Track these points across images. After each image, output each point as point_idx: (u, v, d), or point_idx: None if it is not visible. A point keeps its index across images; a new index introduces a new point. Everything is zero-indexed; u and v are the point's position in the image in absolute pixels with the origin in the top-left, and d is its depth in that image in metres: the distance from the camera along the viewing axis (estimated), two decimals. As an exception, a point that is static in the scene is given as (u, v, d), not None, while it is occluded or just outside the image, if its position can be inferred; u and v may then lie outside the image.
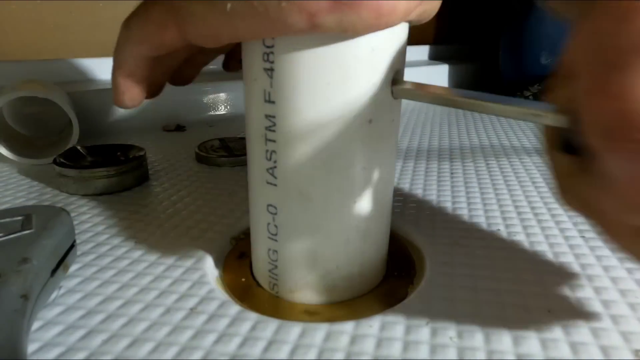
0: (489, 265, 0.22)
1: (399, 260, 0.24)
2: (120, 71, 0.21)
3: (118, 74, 0.21)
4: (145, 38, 0.19)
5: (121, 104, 0.22)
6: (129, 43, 0.20)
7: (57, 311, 0.19)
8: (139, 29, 0.19)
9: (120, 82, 0.21)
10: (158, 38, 0.19)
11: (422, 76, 0.72)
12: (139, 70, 0.21)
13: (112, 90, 0.22)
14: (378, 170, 0.18)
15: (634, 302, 0.19)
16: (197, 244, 0.24)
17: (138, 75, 0.21)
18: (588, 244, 0.24)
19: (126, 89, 0.21)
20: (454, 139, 0.47)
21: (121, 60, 0.21)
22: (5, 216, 0.21)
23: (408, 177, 0.35)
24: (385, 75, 0.17)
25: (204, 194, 0.31)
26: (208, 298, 0.20)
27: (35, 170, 0.36)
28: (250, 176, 0.20)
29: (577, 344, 0.17)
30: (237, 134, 0.45)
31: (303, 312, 0.19)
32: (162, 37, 0.19)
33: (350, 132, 0.17)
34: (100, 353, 0.17)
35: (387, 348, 0.17)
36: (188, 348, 0.17)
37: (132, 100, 0.22)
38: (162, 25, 0.18)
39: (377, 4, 0.14)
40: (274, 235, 0.19)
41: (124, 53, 0.20)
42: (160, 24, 0.18)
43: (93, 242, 0.25)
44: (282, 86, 0.16)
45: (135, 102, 0.22)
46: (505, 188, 0.32)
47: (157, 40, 0.19)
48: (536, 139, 0.46)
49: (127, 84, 0.21)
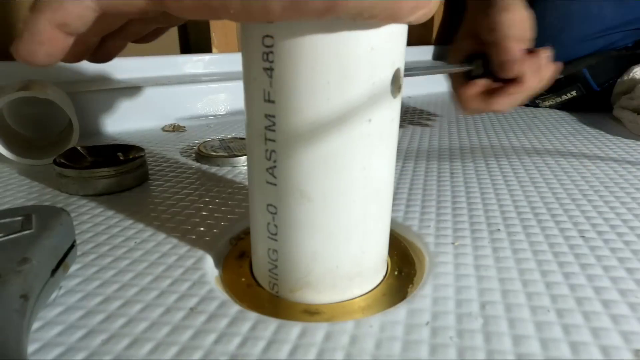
0: (489, 265, 0.22)
1: (399, 260, 0.24)
2: (49, 16, 0.16)
3: (44, 18, 0.16)
4: None
5: (33, 58, 0.17)
6: None
7: (57, 311, 0.19)
8: None
9: (43, 28, 0.17)
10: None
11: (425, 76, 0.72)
12: (78, 23, 0.17)
13: (22, 36, 0.17)
14: (378, 170, 0.18)
15: (634, 302, 0.19)
16: (197, 244, 0.24)
17: (72, 29, 0.17)
18: (588, 244, 0.24)
19: (49, 39, 0.17)
20: (454, 139, 0.47)
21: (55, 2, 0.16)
22: (5, 216, 0.21)
23: (408, 177, 0.35)
24: (384, 74, 0.17)
25: (204, 194, 0.31)
26: (208, 298, 0.20)
27: (35, 171, 0.36)
28: (250, 176, 0.20)
29: (577, 344, 0.17)
30: (237, 134, 0.45)
31: (303, 312, 0.19)
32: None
33: (350, 132, 0.17)
34: (100, 353, 0.17)
35: (387, 348, 0.17)
36: (188, 348, 0.17)
37: (51, 55, 0.17)
38: None
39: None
40: (274, 235, 0.19)
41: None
42: None
43: (93, 242, 0.25)
44: (282, 86, 0.16)
45: (53, 58, 0.17)
46: (505, 188, 0.32)
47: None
48: (536, 139, 0.46)
49: (53, 34, 0.17)
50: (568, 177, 0.35)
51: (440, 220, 0.27)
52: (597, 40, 0.60)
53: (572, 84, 0.61)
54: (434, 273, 0.22)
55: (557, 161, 0.39)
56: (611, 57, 0.60)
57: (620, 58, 0.60)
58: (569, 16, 0.60)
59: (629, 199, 0.30)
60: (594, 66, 0.60)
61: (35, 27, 0.17)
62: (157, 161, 0.39)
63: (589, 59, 0.60)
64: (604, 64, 0.60)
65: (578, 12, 0.60)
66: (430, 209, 0.29)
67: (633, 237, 0.25)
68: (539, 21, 0.64)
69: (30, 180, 0.34)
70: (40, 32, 0.17)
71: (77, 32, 0.17)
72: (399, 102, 0.18)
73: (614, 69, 0.60)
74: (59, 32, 0.17)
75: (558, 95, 0.62)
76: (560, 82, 0.61)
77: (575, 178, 0.34)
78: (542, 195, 0.31)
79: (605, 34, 0.60)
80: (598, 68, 0.60)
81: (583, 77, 0.60)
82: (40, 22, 0.16)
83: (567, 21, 0.60)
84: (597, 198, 0.31)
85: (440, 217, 0.28)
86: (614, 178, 0.34)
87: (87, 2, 0.16)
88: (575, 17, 0.60)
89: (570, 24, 0.60)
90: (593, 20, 0.60)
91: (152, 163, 0.38)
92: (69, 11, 0.16)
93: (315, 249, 0.19)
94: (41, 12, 0.16)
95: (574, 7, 0.60)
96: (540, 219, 0.27)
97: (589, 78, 0.60)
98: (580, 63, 0.60)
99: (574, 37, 0.60)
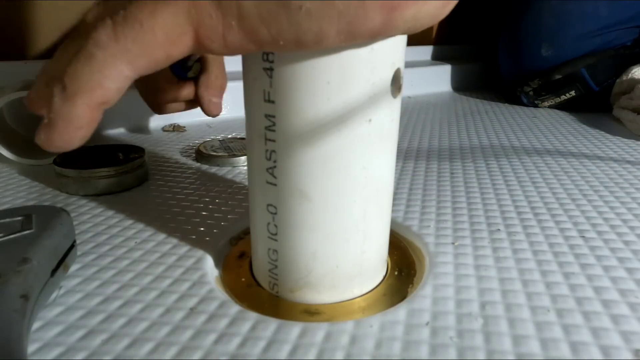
0: (489, 265, 0.22)
1: (399, 260, 0.24)
2: (88, 99, 0.15)
3: (81, 102, 0.15)
4: (146, 51, 0.14)
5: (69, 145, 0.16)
6: (114, 58, 0.14)
7: (57, 311, 0.19)
8: (136, 40, 0.14)
9: (82, 113, 0.15)
10: (166, 50, 0.14)
11: (425, 76, 0.73)
12: (117, 97, 0.15)
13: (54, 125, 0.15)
14: (378, 170, 0.18)
15: (634, 302, 0.19)
16: (197, 244, 0.24)
17: (111, 104, 0.15)
18: (588, 244, 0.24)
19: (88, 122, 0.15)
20: (454, 139, 0.47)
21: (91, 80, 0.14)
22: (5, 216, 0.21)
23: (408, 177, 0.35)
24: (384, 74, 0.17)
25: (204, 194, 0.31)
26: (208, 298, 0.20)
27: (35, 171, 0.36)
28: (250, 176, 0.20)
29: (577, 344, 0.17)
30: (237, 134, 0.45)
31: (303, 312, 0.19)
32: (172, 49, 0.14)
33: (350, 132, 0.17)
34: (100, 353, 0.17)
35: (387, 348, 0.17)
36: (188, 348, 0.17)
37: (86, 137, 0.16)
38: (178, 33, 0.14)
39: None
40: (274, 235, 0.19)
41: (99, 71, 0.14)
42: (176, 31, 0.14)
43: (93, 242, 0.25)
44: (282, 86, 0.16)
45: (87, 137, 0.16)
46: (505, 188, 0.32)
47: (162, 54, 0.14)
48: (536, 139, 0.46)
49: (93, 115, 0.15)
50: (568, 177, 0.35)
51: (440, 220, 0.27)
52: (594, 40, 0.60)
53: (570, 84, 0.61)
54: (434, 273, 0.22)
55: (557, 161, 0.39)
56: (609, 56, 0.60)
57: (618, 57, 0.60)
58: (564, 16, 0.60)
59: (629, 199, 0.30)
60: (592, 66, 0.60)
61: (71, 113, 0.15)
62: (157, 161, 0.39)
63: (587, 58, 0.60)
64: (602, 63, 0.60)
65: (573, 11, 0.60)
66: (430, 209, 0.29)
67: (633, 237, 0.25)
68: (535, 22, 0.64)
69: (30, 180, 0.34)
70: (79, 118, 0.15)
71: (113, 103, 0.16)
72: (399, 102, 0.18)
73: (613, 68, 0.60)
74: (98, 112, 0.15)
75: (557, 95, 0.62)
76: (559, 82, 0.61)
77: (575, 178, 0.34)
78: (542, 195, 0.31)
79: (601, 33, 0.60)
80: (596, 67, 0.60)
81: (582, 77, 0.60)
82: (77, 107, 0.15)
83: (563, 21, 0.60)
84: (597, 198, 0.31)
85: (440, 217, 0.28)
86: (614, 178, 0.34)
87: (124, 72, 0.15)
88: (570, 16, 0.60)
89: (566, 23, 0.60)
90: (589, 19, 0.60)
91: (152, 163, 0.38)
92: (108, 88, 0.15)
93: (315, 249, 0.19)
94: (77, 96, 0.15)
95: (569, 6, 0.60)
96: (540, 219, 0.27)
97: (587, 78, 0.60)
98: (578, 63, 0.60)
99: (571, 36, 0.60)
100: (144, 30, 0.14)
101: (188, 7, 0.14)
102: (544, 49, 0.61)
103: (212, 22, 0.14)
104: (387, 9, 0.13)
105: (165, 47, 0.14)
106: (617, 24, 0.60)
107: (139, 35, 0.14)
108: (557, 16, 0.61)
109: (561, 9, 0.60)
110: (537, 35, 0.62)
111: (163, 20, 0.14)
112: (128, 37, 0.14)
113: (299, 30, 0.13)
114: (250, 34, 0.14)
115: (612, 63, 0.60)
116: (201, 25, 0.14)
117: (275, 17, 0.13)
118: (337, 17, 0.13)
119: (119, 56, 0.14)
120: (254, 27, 0.14)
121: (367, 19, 0.14)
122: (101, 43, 0.14)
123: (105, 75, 0.14)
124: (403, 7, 0.14)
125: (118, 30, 0.14)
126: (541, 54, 0.62)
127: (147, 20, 0.14)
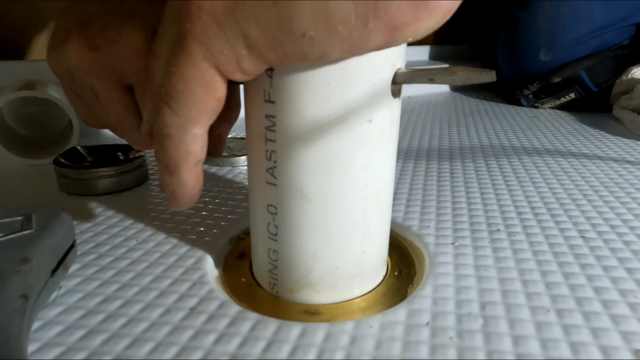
0: (489, 265, 0.22)
1: (399, 260, 0.24)
2: (185, 164, 0.17)
3: (184, 169, 0.17)
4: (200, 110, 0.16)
5: (194, 199, 0.18)
6: (184, 130, 0.16)
7: (57, 311, 0.19)
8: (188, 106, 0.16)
9: (188, 177, 0.17)
10: (212, 96, 0.16)
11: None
12: (204, 151, 0.17)
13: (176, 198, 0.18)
14: (378, 170, 0.18)
15: (634, 302, 0.19)
16: (197, 244, 0.24)
17: (203, 157, 0.17)
18: (588, 244, 0.24)
19: (196, 180, 0.18)
20: (454, 139, 0.47)
21: (179, 152, 0.17)
22: (5, 216, 0.21)
23: (408, 177, 0.35)
24: (384, 74, 0.17)
25: (204, 194, 0.31)
26: (208, 298, 0.20)
27: (35, 171, 0.36)
28: (250, 176, 0.20)
29: (577, 344, 0.17)
30: (237, 134, 0.45)
31: (303, 312, 0.19)
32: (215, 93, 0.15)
33: (350, 132, 0.17)
34: (100, 353, 0.17)
35: (387, 348, 0.17)
36: (188, 348, 0.17)
37: (200, 189, 0.18)
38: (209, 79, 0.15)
39: (441, 3, 0.14)
40: (274, 235, 0.19)
41: (181, 143, 0.16)
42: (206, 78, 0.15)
43: (93, 242, 0.25)
44: (282, 86, 0.16)
45: (201, 189, 0.18)
46: (505, 188, 0.32)
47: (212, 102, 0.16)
48: (536, 139, 0.46)
49: (196, 173, 0.17)
50: (568, 177, 0.35)
51: (440, 220, 0.27)
52: (591, 41, 0.60)
53: (570, 86, 0.61)
54: (434, 273, 0.22)
55: (557, 161, 0.39)
56: (607, 57, 0.60)
57: (616, 58, 0.60)
58: (559, 20, 0.60)
59: (629, 199, 0.30)
60: (591, 67, 0.60)
61: (181, 182, 0.17)
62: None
63: (585, 60, 0.60)
64: (600, 64, 0.60)
65: (568, 14, 0.60)
66: (430, 209, 0.29)
67: (633, 237, 0.25)
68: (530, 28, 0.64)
69: (30, 180, 0.34)
70: (189, 181, 0.17)
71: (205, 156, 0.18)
72: (399, 102, 0.18)
73: (611, 69, 0.60)
74: (198, 169, 0.17)
75: (557, 98, 0.62)
76: (559, 85, 0.61)
77: (575, 178, 0.34)
78: (542, 195, 0.31)
79: (597, 34, 0.60)
80: (595, 69, 0.60)
81: (580, 79, 0.60)
82: (183, 176, 0.17)
83: (558, 25, 0.60)
84: (597, 198, 0.31)
85: (440, 217, 0.28)
86: (614, 178, 0.34)
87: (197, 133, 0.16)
88: (565, 20, 0.60)
89: (561, 27, 0.60)
90: (584, 22, 0.60)
91: (152, 163, 0.38)
92: (194, 151, 0.17)
93: (315, 249, 0.19)
94: (179, 168, 0.17)
95: (563, 10, 0.60)
96: (540, 219, 0.27)
97: (586, 80, 0.60)
98: (576, 65, 0.60)
99: (567, 40, 0.60)
100: (186, 95, 0.15)
101: (203, 53, 0.15)
102: (542, 53, 0.61)
103: (226, 57, 0.15)
104: (389, 30, 0.14)
105: (210, 95, 0.15)
106: (611, 24, 0.60)
107: (188, 102, 0.15)
108: (552, 21, 0.61)
109: (556, 13, 0.60)
110: (534, 41, 0.62)
111: (193, 77, 0.15)
112: (182, 107, 0.16)
113: (303, 53, 0.14)
114: (259, 57, 0.15)
115: (610, 64, 0.60)
116: (219, 63, 0.15)
117: (280, 44, 0.14)
118: (340, 41, 0.14)
119: (186, 126, 0.16)
120: (262, 51, 0.14)
121: (370, 40, 0.14)
122: (168, 124, 0.16)
123: (186, 144, 0.16)
124: (405, 27, 0.14)
125: (174, 107, 0.16)
126: (539, 59, 0.62)
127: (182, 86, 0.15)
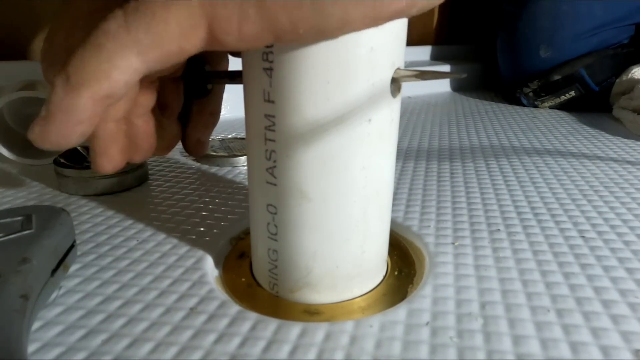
0: (489, 265, 0.22)
1: (399, 260, 0.24)
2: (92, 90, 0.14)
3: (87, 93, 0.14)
4: (158, 43, 0.13)
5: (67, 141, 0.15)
6: (124, 48, 0.13)
7: (57, 311, 0.19)
8: (148, 30, 0.13)
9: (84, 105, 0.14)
10: (179, 43, 0.14)
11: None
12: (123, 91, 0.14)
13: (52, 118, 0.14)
14: (378, 170, 0.18)
15: (634, 302, 0.19)
16: (197, 244, 0.24)
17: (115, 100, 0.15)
18: (588, 244, 0.24)
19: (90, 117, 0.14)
20: (454, 139, 0.47)
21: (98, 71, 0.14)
22: (5, 216, 0.21)
23: (408, 177, 0.35)
24: (384, 74, 0.17)
25: (204, 194, 0.31)
26: (208, 298, 0.20)
27: (35, 170, 0.36)
28: (250, 176, 0.20)
29: (577, 344, 0.17)
30: (237, 134, 0.45)
31: (303, 312, 0.19)
32: (186, 42, 0.14)
33: (349, 132, 0.17)
34: (100, 353, 0.17)
35: (387, 348, 0.17)
36: (188, 348, 0.17)
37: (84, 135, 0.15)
38: (191, 25, 0.13)
39: None
40: (274, 235, 0.19)
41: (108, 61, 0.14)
42: (189, 22, 0.13)
43: (93, 242, 0.25)
44: (282, 86, 0.16)
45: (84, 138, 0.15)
46: (505, 188, 0.32)
47: (175, 47, 0.14)
48: (536, 139, 0.46)
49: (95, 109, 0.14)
50: (568, 177, 0.35)
51: (440, 220, 0.27)
52: (591, 39, 0.60)
53: (570, 84, 0.61)
54: (434, 273, 0.22)
55: (557, 161, 0.39)
56: (607, 55, 0.60)
57: (616, 56, 0.60)
58: (559, 17, 0.60)
59: (629, 199, 0.30)
60: (591, 65, 0.60)
61: (73, 104, 0.14)
62: (157, 161, 0.39)
63: (585, 58, 0.60)
64: (600, 62, 0.60)
65: (568, 12, 0.60)
66: (430, 209, 0.29)
67: (633, 237, 0.25)
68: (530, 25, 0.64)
69: (30, 180, 0.34)
70: (81, 110, 0.14)
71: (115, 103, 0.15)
72: (398, 102, 0.18)
73: (612, 68, 0.60)
74: (102, 107, 0.14)
75: (557, 96, 0.62)
76: (559, 83, 0.61)
77: (575, 178, 0.34)
78: (542, 195, 0.31)
79: (597, 32, 0.60)
80: (595, 67, 0.60)
81: (581, 77, 0.60)
82: (81, 99, 0.14)
83: (558, 22, 0.60)
84: (597, 198, 0.31)
85: (440, 217, 0.28)
86: (614, 178, 0.34)
87: (134, 64, 0.14)
88: (565, 17, 0.60)
89: (561, 24, 0.60)
90: (583, 19, 0.60)
91: (152, 163, 0.38)
92: (116, 80, 0.14)
93: (315, 249, 0.19)
94: (82, 87, 0.14)
95: (563, 7, 0.60)
96: (540, 219, 0.27)
97: (586, 78, 0.60)
98: (576, 63, 0.60)
99: (567, 37, 0.60)
100: (156, 21, 0.13)
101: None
102: (542, 50, 0.61)
103: (228, 12, 0.13)
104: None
105: (179, 40, 0.13)
106: (612, 23, 0.60)
107: (151, 26, 0.13)
108: (552, 18, 0.61)
109: (556, 10, 0.60)
110: (534, 38, 0.62)
111: (176, 11, 0.13)
112: (140, 27, 0.13)
113: (322, 15, 0.13)
114: (269, 21, 0.13)
115: (610, 62, 0.60)
116: (216, 17, 0.13)
117: (299, 3, 0.13)
118: (363, 3, 0.13)
119: (130, 46, 0.13)
120: (274, 14, 0.13)
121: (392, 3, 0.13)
122: (111, 33, 0.13)
123: (114, 66, 0.14)
124: None
125: (129, 20, 0.13)
126: (539, 56, 0.62)
127: (160, 10, 0.13)
